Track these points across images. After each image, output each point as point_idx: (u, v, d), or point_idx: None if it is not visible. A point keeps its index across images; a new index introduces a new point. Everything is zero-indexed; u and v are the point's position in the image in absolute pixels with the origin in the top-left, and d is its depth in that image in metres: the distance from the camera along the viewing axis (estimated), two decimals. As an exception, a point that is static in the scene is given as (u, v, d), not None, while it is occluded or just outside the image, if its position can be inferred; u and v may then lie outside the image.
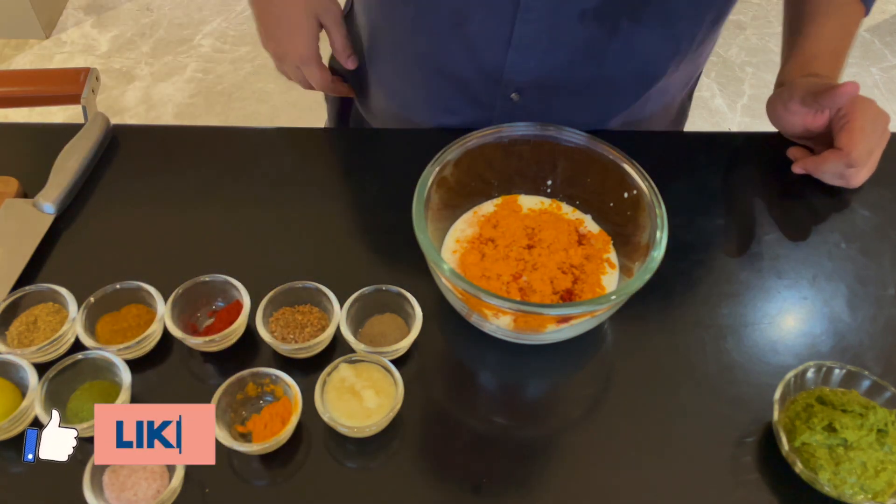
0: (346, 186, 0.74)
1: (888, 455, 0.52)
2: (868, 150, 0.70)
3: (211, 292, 0.62)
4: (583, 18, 0.69)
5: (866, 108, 0.70)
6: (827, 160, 0.71)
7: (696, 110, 2.15)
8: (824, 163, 0.71)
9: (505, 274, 0.60)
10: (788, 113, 0.74)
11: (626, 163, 0.63)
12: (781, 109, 0.75)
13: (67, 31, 2.32)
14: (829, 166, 0.71)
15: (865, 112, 0.69)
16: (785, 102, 0.74)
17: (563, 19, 0.69)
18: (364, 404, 0.55)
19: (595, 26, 0.70)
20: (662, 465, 0.56)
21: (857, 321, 0.65)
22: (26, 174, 0.72)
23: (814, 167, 0.73)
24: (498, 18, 0.70)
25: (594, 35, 0.71)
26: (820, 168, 0.72)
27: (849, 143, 0.69)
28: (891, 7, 2.51)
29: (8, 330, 0.59)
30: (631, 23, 0.70)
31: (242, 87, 2.14)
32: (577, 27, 0.70)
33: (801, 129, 0.74)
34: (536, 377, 0.61)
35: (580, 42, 0.71)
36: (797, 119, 0.73)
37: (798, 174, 0.75)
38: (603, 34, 0.71)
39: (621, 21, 0.70)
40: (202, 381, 0.59)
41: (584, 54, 0.72)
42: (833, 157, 0.70)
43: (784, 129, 0.77)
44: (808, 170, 0.73)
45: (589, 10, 0.68)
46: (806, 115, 0.73)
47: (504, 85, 0.75)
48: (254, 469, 0.54)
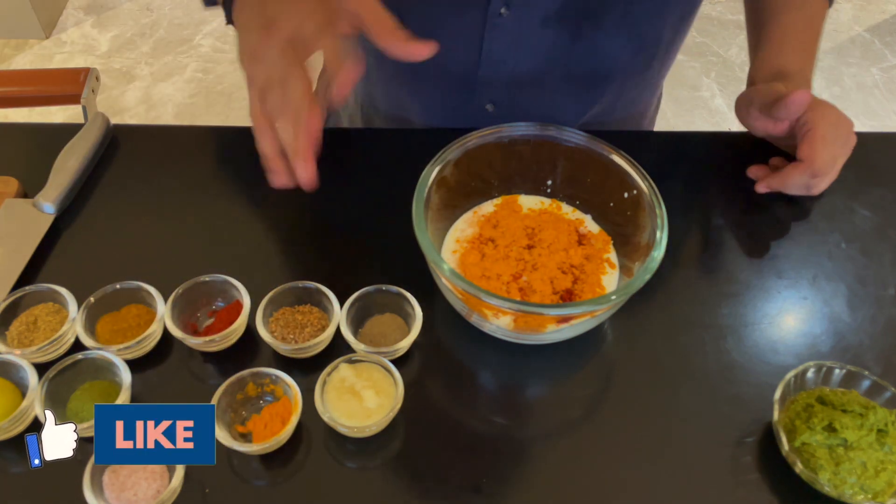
0: (346, 186, 0.74)
1: (888, 455, 0.52)
2: (832, 158, 0.68)
3: (211, 292, 0.62)
4: (545, 24, 0.70)
5: (826, 115, 0.68)
6: (790, 175, 0.69)
7: (697, 110, 2.15)
8: (788, 178, 0.69)
9: (505, 274, 0.61)
10: (750, 118, 0.73)
11: (626, 163, 0.63)
12: (744, 114, 0.74)
13: (67, 31, 2.32)
14: (793, 180, 0.69)
15: (826, 119, 0.68)
16: (746, 108, 0.73)
17: (526, 28, 0.71)
18: (364, 404, 0.55)
19: (558, 31, 0.71)
20: (662, 464, 0.56)
21: (857, 321, 0.65)
22: (26, 174, 0.72)
23: (779, 183, 0.71)
24: (466, 39, 0.72)
25: (557, 41, 0.72)
26: (785, 183, 0.70)
27: (810, 153, 0.67)
28: (891, 7, 2.51)
29: (8, 330, 0.59)
30: (592, 26, 0.71)
31: (242, 87, 2.12)
32: (540, 34, 0.71)
33: (762, 133, 0.74)
34: (536, 377, 0.61)
35: (545, 48, 0.73)
36: (758, 125, 0.73)
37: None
38: (566, 39, 0.72)
39: (583, 25, 0.71)
40: (202, 381, 0.59)
41: (550, 59, 0.74)
42: (797, 171, 0.68)
43: (750, 131, 0.76)
44: (773, 187, 0.72)
45: (551, 16, 0.70)
46: (766, 122, 0.71)
47: (478, 98, 0.77)
48: (254, 469, 0.54)
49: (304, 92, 0.53)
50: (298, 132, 0.54)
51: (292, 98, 0.53)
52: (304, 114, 0.53)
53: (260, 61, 0.54)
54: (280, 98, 0.53)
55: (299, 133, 0.53)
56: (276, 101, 0.54)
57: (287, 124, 0.54)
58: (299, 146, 0.54)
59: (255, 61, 0.54)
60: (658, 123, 1.00)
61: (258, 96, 0.55)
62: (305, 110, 0.53)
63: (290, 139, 0.54)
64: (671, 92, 2.18)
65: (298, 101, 0.53)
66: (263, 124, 0.55)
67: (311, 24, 0.53)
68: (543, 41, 0.72)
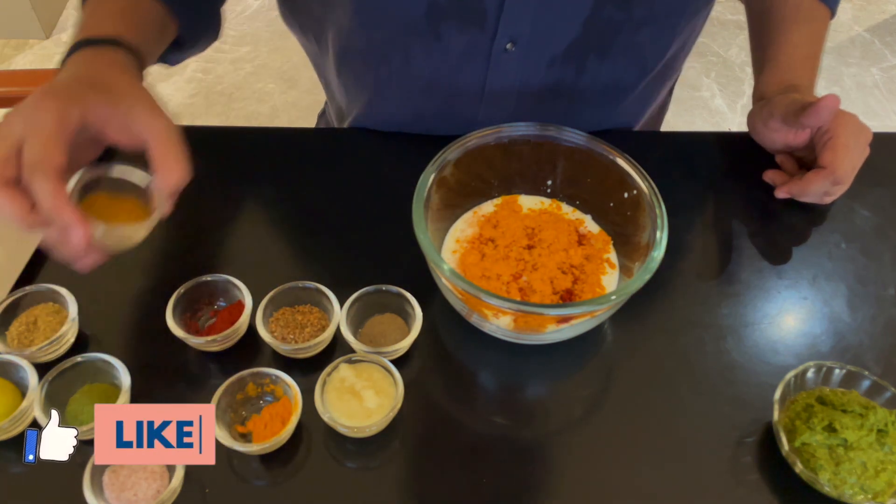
0: (346, 186, 0.74)
1: (888, 455, 0.52)
2: (852, 167, 0.68)
3: (213, 292, 0.62)
4: (552, 64, 0.70)
5: (848, 124, 0.68)
6: (812, 182, 0.68)
7: (696, 110, 2.15)
8: (809, 185, 0.69)
9: (505, 274, 0.61)
10: (768, 130, 0.73)
11: (626, 163, 0.63)
12: (761, 126, 0.74)
13: (67, 31, 2.32)
14: (815, 187, 0.69)
15: (847, 128, 0.68)
16: (765, 120, 0.73)
17: (532, 69, 0.71)
18: (364, 404, 0.55)
19: (563, 68, 0.71)
20: (662, 465, 0.56)
21: (857, 321, 0.65)
22: (26, 174, 0.72)
23: (799, 190, 0.70)
24: (469, 78, 0.72)
25: (563, 76, 0.72)
26: (806, 190, 0.70)
27: (833, 160, 0.67)
28: (891, 7, 2.51)
29: (8, 330, 0.59)
30: (598, 59, 0.71)
31: (242, 87, 2.14)
32: (545, 73, 0.72)
33: (781, 145, 0.74)
34: (536, 377, 0.61)
35: (549, 85, 0.73)
36: (778, 136, 0.73)
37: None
38: (571, 74, 0.72)
39: (588, 60, 0.71)
40: (202, 381, 0.59)
41: (554, 93, 0.75)
42: (818, 178, 0.68)
43: (764, 145, 0.76)
44: (793, 194, 0.71)
45: (558, 56, 0.70)
46: (787, 133, 0.71)
47: (482, 117, 0.77)
48: (254, 469, 0.54)
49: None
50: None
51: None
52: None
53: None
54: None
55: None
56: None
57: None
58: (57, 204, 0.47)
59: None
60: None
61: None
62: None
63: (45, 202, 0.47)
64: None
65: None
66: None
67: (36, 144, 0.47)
68: (549, 77, 0.72)
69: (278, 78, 2.17)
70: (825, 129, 0.69)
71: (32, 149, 0.47)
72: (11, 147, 0.48)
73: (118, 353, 0.57)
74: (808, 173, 0.69)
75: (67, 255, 0.50)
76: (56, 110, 0.49)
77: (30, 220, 0.48)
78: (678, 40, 0.75)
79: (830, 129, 0.68)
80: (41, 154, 0.47)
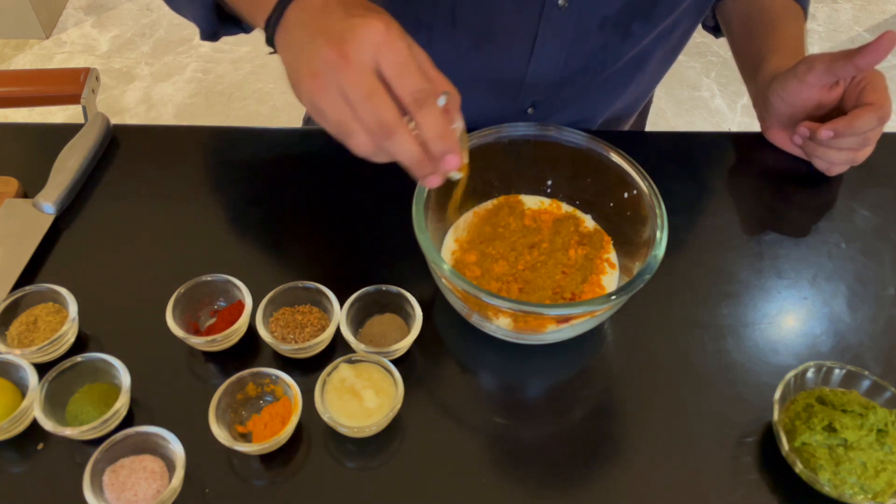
0: (346, 186, 0.74)
1: (888, 455, 0.52)
2: (892, 108, 0.69)
3: (213, 292, 0.62)
4: (603, 27, 0.70)
5: (881, 76, 0.70)
6: (860, 116, 0.67)
7: (697, 110, 2.15)
8: (857, 119, 0.67)
9: (505, 274, 0.61)
10: (804, 86, 0.71)
11: (626, 163, 0.63)
12: (796, 84, 0.71)
13: (67, 31, 2.32)
14: (861, 122, 0.67)
15: (881, 77, 0.69)
16: (802, 76, 0.71)
17: (583, 30, 0.71)
18: (364, 404, 0.55)
19: (612, 32, 0.71)
20: (662, 464, 0.56)
21: (857, 321, 0.65)
22: (26, 174, 0.72)
23: (845, 126, 0.68)
24: (520, 37, 0.71)
25: (609, 41, 0.72)
26: (852, 125, 0.68)
27: (879, 97, 0.68)
28: (891, 7, 2.51)
29: (8, 330, 0.59)
30: (642, 24, 0.71)
31: (242, 87, 2.14)
32: (595, 36, 0.71)
33: (813, 104, 0.72)
34: (536, 377, 0.61)
35: (596, 49, 0.73)
36: (812, 93, 0.71)
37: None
38: (617, 39, 0.72)
39: (633, 24, 0.70)
40: (203, 381, 0.59)
41: (598, 60, 0.74)
42: (866, 112, 0.67)
43: (789, 111, 0.74)
44: (839, 130, 0.69)
45: (610, 17, 0.69)
46: (822, 88, 0.71)
47: (521, 101, 0.76)
48: (254, 469, 0.54)
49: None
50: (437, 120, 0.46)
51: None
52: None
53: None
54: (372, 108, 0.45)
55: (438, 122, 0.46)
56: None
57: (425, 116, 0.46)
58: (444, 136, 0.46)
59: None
60: (658, 123, 1.00)
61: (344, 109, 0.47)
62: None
63: (434, 130, 0.46)
64: (671, 92, 2.18)
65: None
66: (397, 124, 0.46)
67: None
68: (597, 40, 0.72)
69: (278, 78, 2.17)
70: (859, 79, 0.70)
71: (414, 77, 0.45)
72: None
73: (118, 353, 0.57)
74: (855, 110, 0.69)
75: (424, 175, 0.49)
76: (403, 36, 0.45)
77: (425, 161, 0.47)
78: (707, 10, 0.75)
79: (866, 77, 0.69)
80: (424, 82, 0.45)
